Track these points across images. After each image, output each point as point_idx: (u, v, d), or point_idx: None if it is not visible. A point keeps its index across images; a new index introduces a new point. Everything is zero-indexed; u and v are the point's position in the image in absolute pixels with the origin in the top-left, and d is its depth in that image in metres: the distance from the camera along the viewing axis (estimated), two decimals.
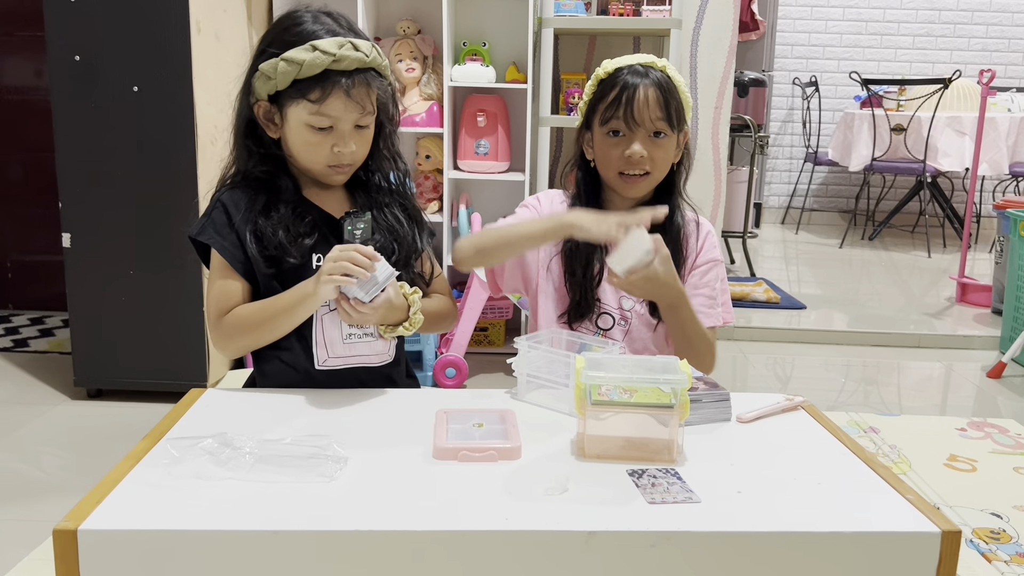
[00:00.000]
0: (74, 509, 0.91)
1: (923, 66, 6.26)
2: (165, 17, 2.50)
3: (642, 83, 1.47)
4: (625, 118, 1.46)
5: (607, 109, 1.48)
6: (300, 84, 1.28)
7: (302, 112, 1.30)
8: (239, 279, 1.35)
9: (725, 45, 3.43)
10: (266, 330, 1.33)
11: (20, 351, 3.25)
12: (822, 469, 1.08)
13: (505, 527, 0.91)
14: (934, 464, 2.41)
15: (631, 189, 1.51)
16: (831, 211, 6.49)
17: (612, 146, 1.49)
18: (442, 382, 2.93)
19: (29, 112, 3.57)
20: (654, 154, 1.48)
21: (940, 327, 3.78)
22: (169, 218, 2.58)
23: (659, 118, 1.47)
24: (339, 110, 1.30)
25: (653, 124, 1.47)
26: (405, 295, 1.36)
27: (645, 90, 1.46)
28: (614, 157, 1.49)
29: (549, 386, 1.26)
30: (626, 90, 1.47)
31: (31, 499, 2.13)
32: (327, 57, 1.26)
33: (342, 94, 1.28)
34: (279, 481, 0.98)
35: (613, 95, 1.48)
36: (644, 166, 1.48)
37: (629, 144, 1.47)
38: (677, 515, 0.94)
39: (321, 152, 1.33)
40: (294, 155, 1.36)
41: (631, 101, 1.46)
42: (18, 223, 3.71)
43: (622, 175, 1.50)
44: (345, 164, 1.36)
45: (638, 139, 1.47)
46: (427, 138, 3.25)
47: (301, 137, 1.32)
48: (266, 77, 1.30)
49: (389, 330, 1.36)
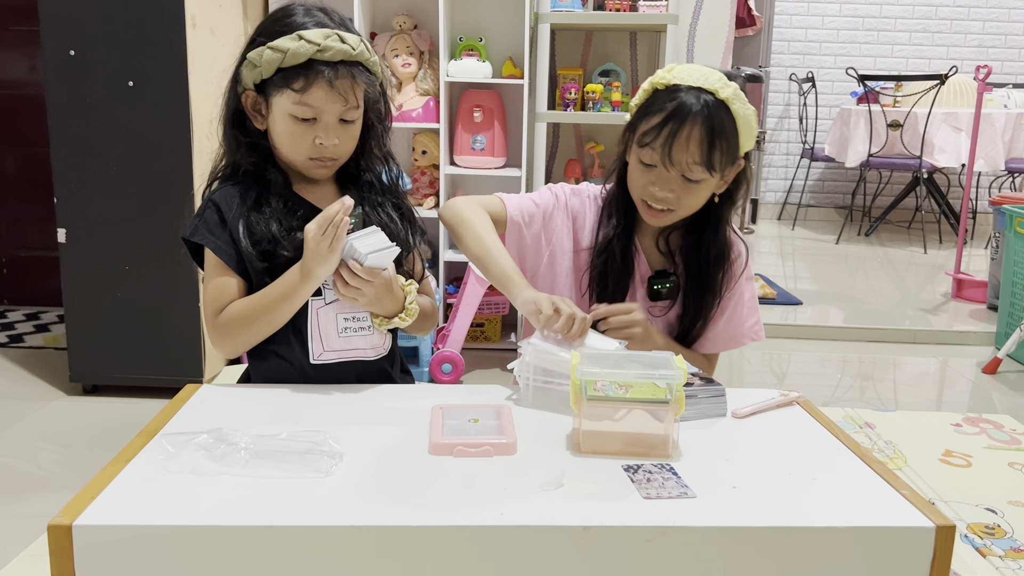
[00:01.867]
0: (69, 505, 0.90)
1: (920, 62, 6.27)
2: (160, 12, 2.50)
3: (690, 118, 1.32)
4: (661, 154, 1.34)
5: (646, 134, 1.36)
6: (285, 73, 1.28)
7: (286, 101, 1.30)
8: (234, 276, 1.34)
9: (722, 41, 3.43)
10: (264, 322, 1.32)
11: (15, 346, 3.24)
12: (817, 464, 1.08)
13: (501, 522, 0.91)
14: (929, 460, 2.42)
15: (653, 220, 1.43)
16: (827, 207, 6.49)
17: (642, 172, 1.39)
18: (438, 378, 2.93)
19: (24, 107, 3.55)
20: (683, 195, 1.37)
21: (936, 323, 3.79)
22: (164, 213, 2.58)
23: (696, 163, 1.34)
24: (321, 100, 1.29)
25: (689, 168, 1.34)
26: (402, 286, 1.36)
27: (691, 129, 1.32)
28: (640, 184, 1.40)
29: (556, 390, 1.23)
30: (671, 122, 1.33)
31: (26, 495, 2.13)
32: (311, 47, 1.26)
33: (325, 84, 1.28)
34: (274, 477, 0.98)
35: (657, 121, 1.34)
36: (668, 204, 1.39)
37: (658, 180, 1.37)
38: (672, 510, 0.94)
39: (303, 143, 1.32)
40: (278, 146, 1.36)
41: (672, 137, 1.33)
42: (13, 218, 3.70)
43: (645, 203, 1.41)
44: (327, 157, 1.35)
45: (669, 179, 1.36)
46: (423, 133, 3.25)
47: (284, 127, 1.32)
48: (252, 65, 1.30)
49: (384, 321, 1.36)
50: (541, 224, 1.51)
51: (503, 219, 1.49)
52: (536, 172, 3.17)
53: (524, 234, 1.50)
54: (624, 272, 1.48)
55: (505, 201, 1.51)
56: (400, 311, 1.36)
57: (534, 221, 1.51)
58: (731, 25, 3.45)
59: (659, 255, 1.51)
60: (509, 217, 1.49)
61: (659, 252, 1.50)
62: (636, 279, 1.49)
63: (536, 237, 1.51)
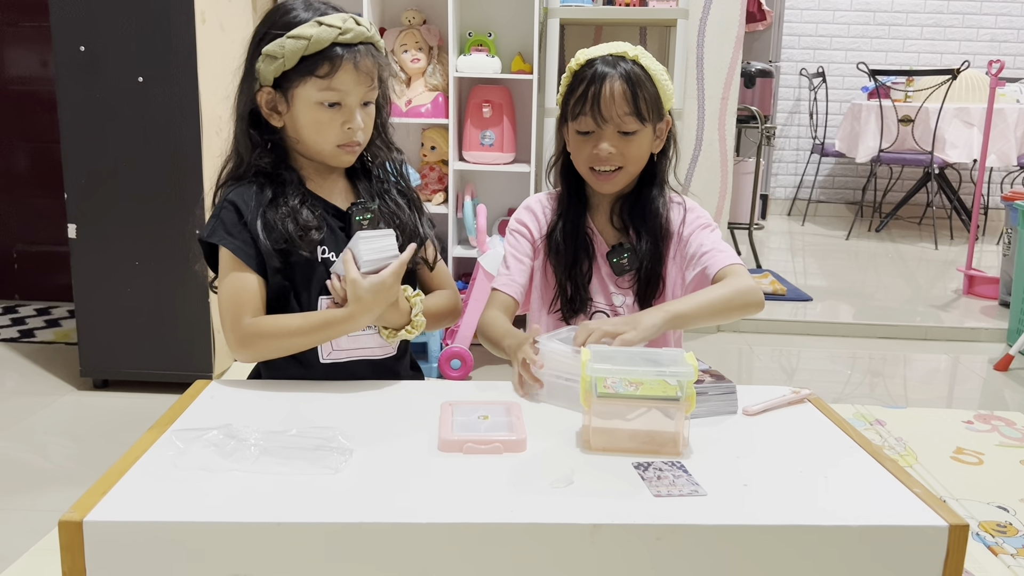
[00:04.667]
0: (79, 500, 0.91)
1: (931, 56, 6.23)
2: (170, 7, 2.50)
3: (608, 78, 1.42)
4: (592, 115, 1.42)
5: (575, 105, 1.45)
6: (307, 61, 1.28)
7: (311, 90, 1.30)
8: (254, 274, 1.32)
9: (732, 35, 3.40)
10: (293, 346, 1.32)
11: (26, 341, 3.26)
12: (828, 462, 1.08)
13: (510, 519, 0.90)
14: (940, 457, 2.40)
15: (604, 185, 1.49)
16: (838, 203, 6.46)
17: (582, 143, 1.46)
18: (447, 374, 2.93)
19: (34, 102, 3.57)
20: (624, 150, 1.44)
21: (947, 319, 3.76)
22: (174, 208, 2.58)
23: (627, 113, 1.42)
24: (349, 83, 1.30)
25: (621, 120, 1.43)
26: (408, 298, 1.35)
27: (611, 84, 1.41)
28: (584, 153, 1.46)
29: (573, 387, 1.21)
30: (592, 85, 1.42)
31: (37, 489, 2.14)
32: (333, 30, 1.26)
33: (351, 67, 1.28)
34: (284, 473, 0.98)
35: (581, 90, 1.44)
36: (614, 162, 1.45)
37: (598, 141, 1.44)
38: (683, 508, 0.93)
39: (331, 130, 1.32)
40: (303, 139, 1.35)
41: (597, 97, 1.42)
42: (24, 214, 3.71)
43: (593, 171, 1.47)
44: (355, 142, 1.35)
45: (606, 136, 1.43)
46: (432, 129, 3.24)
47: (311, 117, 1.32)
48: (271, 58, 1.29)
49: (392, 334, 1.35)
50: (532, 254, 1.57)
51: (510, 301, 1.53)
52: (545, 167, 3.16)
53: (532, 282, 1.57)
54: (578, 253, 1.51)
55: (499, 288, 1.54)
56: (407, 323, 1.36)
57: (523, 265, 1.55)
58: (742, 20, 3.43)
59: (614, 231, 1.55)
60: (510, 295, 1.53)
61: (614, 228, 1.55)
62: (598, 259, 1.54)
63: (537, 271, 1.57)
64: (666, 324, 1.31)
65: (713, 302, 1.37)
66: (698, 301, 1.37)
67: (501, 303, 1.52)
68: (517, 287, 1.54)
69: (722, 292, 1.38)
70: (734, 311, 1.39)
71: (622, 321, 1.30)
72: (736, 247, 4.82)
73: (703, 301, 1.37)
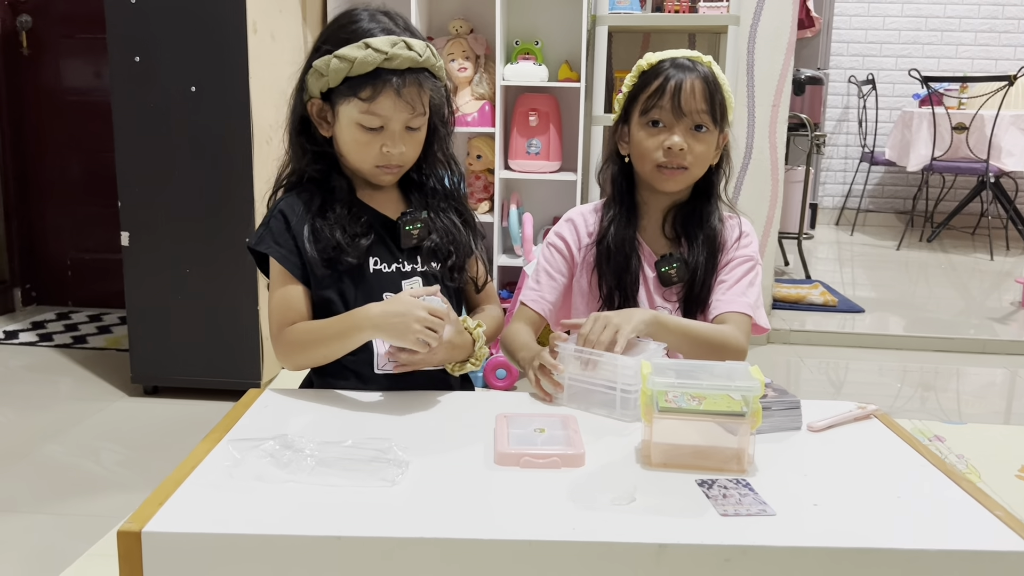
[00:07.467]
0: (138, 511, 0.90)
1: (986, 63, 6.08)
2: (222, 18, 2.53)
3: (688, 75, 1.43)
4: (671, 107, 1.43)
5: (649, 98, 1.45)
6: (352, 82, 1.27)
7: (353, 110, 1.29)
8: (299, 285, 1.33)
9: (783, 42, 3.35)
10: (320, 354, 1.32)
11: (79, 347, 3.31)
12: (901, 481, 1.03)
13: (572, 537, 0.88)
14: (1005, 475, 2.32)
15: (668, 183, 1.47)
16: (887, 212, 6.33)
17: (651, 136, 1.45)
18: (492, 383, 2.91)
19: (90, 112, 3.63)
20: (694, 148, 1.44)
21: (1003, 332, 3.65)
22: (226, 216, 2.61)
23: (703, 111, 1.43)
24: (389, 109, 1.28)
25: (698, 116, 1.43)
26: (469, 330, 1.34)
27: (692, 81, 1.43)
28: (652, 148, 1.45)
29: (595, 390, 1.22)
30: (671, 80, 1.43)
31: (90, 494, 2.16)
32: (379, 55, 1.25)
33: (392, 93, 1.27)
34: (341, 485, 0.97)
35: (657, 84, 1.44)
36: (683, 160, 1.44)
37: (670, 135, 1.43)
38: (752, 528, 0.90)
39: (370, 152, 1.32)
40: (344, 154, 1.35)
41: (678, 90, 1.42)
42: (78, 222, 3.78)
43: (659, 168, 1.45)
44: (393, 165, 1.34)
45: (680, 130, 1.43)
46: (478, 138, 3.24)
47: (351, 135, 1.31)
48: (319, 74, 1.29)
49: (457, 367, 1.35)
50: (567, 271, 1.56)
51: (536, 317, 1.53)
52: (591, 176, 3.14)
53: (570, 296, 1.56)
54: (629, 261, 1.49)
55: (527, 303, 1.54)
56: (470, 355, 1.35)
57: (555, 283, 1.54)
58: (793, 26, 3.37)
59: (664, 241, 1.53)
60: (537, 312, 1.53)
61: (664, 238, 1.53)
62: (644, 269, 1.51)
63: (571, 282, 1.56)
64: (650, 326, 1.33)
65: (696, 334, 1.39)
66: (683, 325, 1.40)
67: (527, 318, 1.52)
68: (546, 304, 1.53)
69: (708, 331, 1.41)
70: (708, 354, 1.33)
71: (615, 314, 1.32)
72: (784, 257, 4.74)
73: (687, 327, 1.40)
